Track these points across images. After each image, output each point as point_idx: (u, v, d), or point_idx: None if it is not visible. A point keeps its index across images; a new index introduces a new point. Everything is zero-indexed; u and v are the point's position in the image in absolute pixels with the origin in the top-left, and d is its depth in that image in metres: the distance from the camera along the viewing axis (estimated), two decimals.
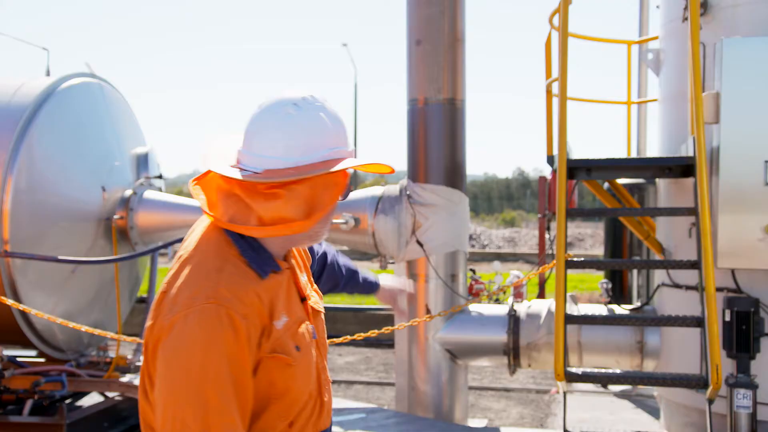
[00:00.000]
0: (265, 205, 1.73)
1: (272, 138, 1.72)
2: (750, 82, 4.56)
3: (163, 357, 1.65)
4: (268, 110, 1.75)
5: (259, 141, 1.74)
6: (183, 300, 1.66)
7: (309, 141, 1.73)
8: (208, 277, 1.69)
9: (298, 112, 1.73)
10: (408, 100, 6.10)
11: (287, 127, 1.72)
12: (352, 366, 9.46)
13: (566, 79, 4.80)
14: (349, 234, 6.11)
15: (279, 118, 1.73)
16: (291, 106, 1.73)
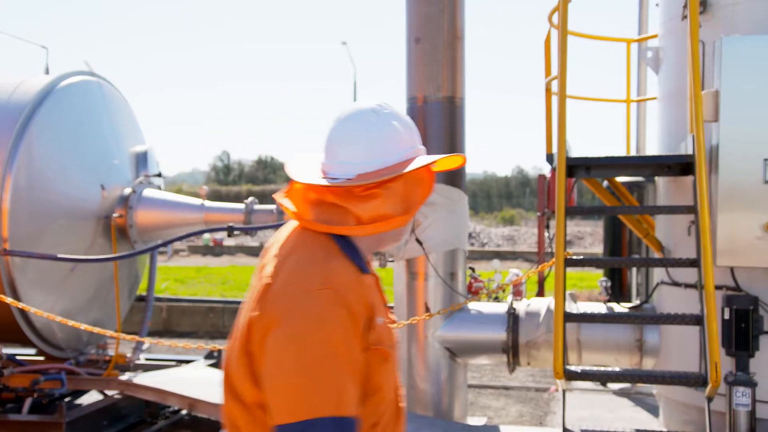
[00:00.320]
0: (364, 206, 1.84)
1: (360, 145, 1.85)
2: (749, 81, 4.56)
3: (280, 344, 1.68)
4: (349, 121, 1.88)
5: (346, 149, 1.86)
6: (297, 287, 1.73)
7: (393, 142, 1.87)
8: (320, 266, 1.77)
9: (377, 118, 1.86)
10: (407, 98, 6.10)
11: (372, 133, 1.85)
12: None
13: (565, 77, 4.80)
14: None
15: (362, 126, 1.86)
16: (370, 114, 1.87)
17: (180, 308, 12.05)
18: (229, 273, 18.34)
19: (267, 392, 1.70)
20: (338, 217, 1.86)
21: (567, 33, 4.86)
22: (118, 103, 7.16)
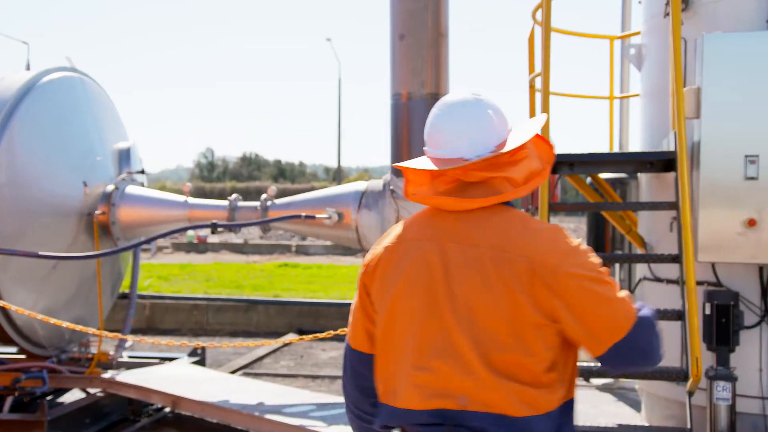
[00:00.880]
0: (517, 169, 2.04)
1: (487, 122, 2.05)
2: (730, 77, 4.59)
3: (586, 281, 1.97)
4: (464, 110, 2.06)
5: (478, 130, 2.04)
6: (562, 239, 2.02)
7: (505, 115, 2.11)
8: (547, 224, 2.08)
9: (484, 100, 2.09)
10: (391, 94, 6.09)
11: (492, 112, 2.07)
12: (335, 361, 9.46)
13: (549, 74, 4.82)
14: (333, 229, 6.11)
15: (480, 109, 2.06)
16: (475, 99, 2.08)
17: (163, 305, 12.00)
18: (213, 270, 18.28)
19: (584, 321, 1.95)
20: (496, 188, 2.03)
21: (550, 30, 4.88)
22: (101, 99, 7.11)
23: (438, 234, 2.03)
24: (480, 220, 2.01)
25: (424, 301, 1.99)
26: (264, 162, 70.88)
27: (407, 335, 2.01)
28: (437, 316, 1.97)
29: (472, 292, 1.94)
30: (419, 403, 1.97)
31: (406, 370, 1.99)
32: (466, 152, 2.02)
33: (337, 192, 6.31)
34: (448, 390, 1.94)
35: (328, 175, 60.38)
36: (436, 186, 2.07)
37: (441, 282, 1.98)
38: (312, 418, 5.18)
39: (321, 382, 8.36)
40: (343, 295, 13.61)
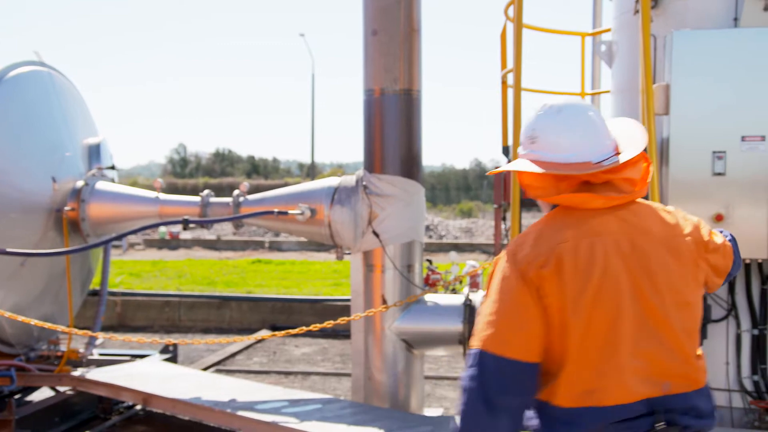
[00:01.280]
0: (634, 169, 2.15)
1: (604, 127, 2.18)
2: (698, 75, 4.65)
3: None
4: (582, 115, 2.15)
5: (600, 135, 2.15)
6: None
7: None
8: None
9: (587, 104, 2.29)
10: (364, 90, 6.08)
11: (601, 118, 2.22)
12: (308, 357, 9.45)
13: (521, 70, 4.85)
14: (305, 225, 6.09)
15: (594, 115, 2.21)
16: (583, 103, 2.26)
17: (135, 302, 11.89)
18: (185, 266, 18.15)
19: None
20: (623, 186, 2.13)
21: (522, 26, 4.90)
22: (70, 94, 7.01)
23: (611, 228, 2.09)
24: (633, 213, 2.13)
25: (627, 292, 2.02)
26: (237, 158, 70.45)
27: (616, 329, 2.00)
28: (643, 304, 2.02)
29: (670, 272, 2.07)
30: (632, 396, 1.98)
31: (618, 364, 1.99)
32: (592, 156, 2.09)
33: (309, 188, 6.29)
34: (660, 377, 2.01)
35: (302, 170, 60.17)
36: (560, 188, 2.12)
37: (638, 270, 2.04)
38: (285, 414, 5.16)
39: (294, 378, 8.35)
40: (316, 291, 13.58)
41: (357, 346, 6.01)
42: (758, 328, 4.85)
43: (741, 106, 4.61)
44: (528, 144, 2.16)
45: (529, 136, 2.16)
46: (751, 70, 4.57)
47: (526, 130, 2.19)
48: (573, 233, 2.06)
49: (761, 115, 4.60)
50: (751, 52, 4.58)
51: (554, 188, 2.12)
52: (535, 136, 2.13)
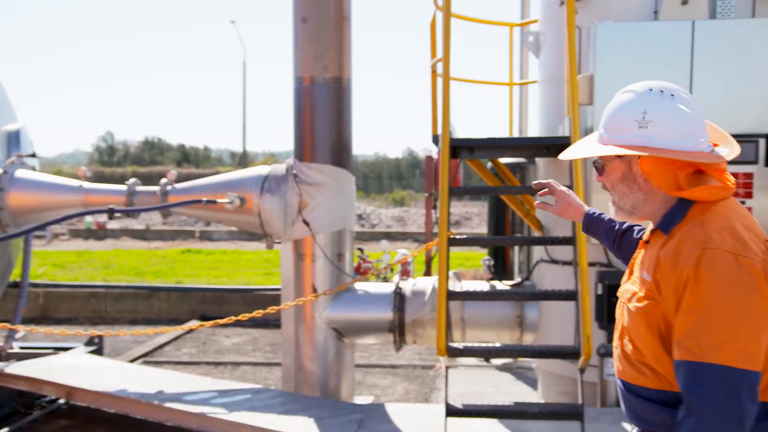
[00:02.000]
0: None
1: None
2: (621, 65, 4.76)
3: None
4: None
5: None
6: None
7: None
8: None
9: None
10: (294, 78, 6.04)
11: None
12: (239, 347, 9.36)
13: (449, 59, 4.87)
14: (235, 214, 6.02)
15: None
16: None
17: (58, 294, 11.56)
18: (112, 257, 17.75)
19: None
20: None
21: (450, 15, 4.92)
22: None
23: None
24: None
25: None
26: (167, 146, 69.06)
27: None
28: None
29: None
30: None
31: None
32: (704, 145, 1.98)
33: (239, 176, 6.22)
34: None
35: (234, 159, 59.40)
36: (678, 178, 1.98)
37: None
38: (213, 405, 5.11)
39: (224, 368, 8.26)
40: (247, 280, 13.46)
41: (287, 336, 5.99)
42: None
43: None
44: (637, 129, 1.95)
45: (637, 120, 1.96)
46: (669, 61, 4.70)
47: (629, 113, 1.98)
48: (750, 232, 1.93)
49: None
50: (670, 44, 4.70)
51: (673, 177, 1.96)
52: (647, 121, 1.94)
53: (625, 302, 2.03)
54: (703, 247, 1.82)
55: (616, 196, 2.08)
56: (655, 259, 1.94)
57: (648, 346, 1.94)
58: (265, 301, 10.11)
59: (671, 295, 1.85)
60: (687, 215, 1.95)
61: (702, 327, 1.77)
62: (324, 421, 4.81)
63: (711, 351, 1.75)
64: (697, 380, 1.75)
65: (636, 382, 1.99)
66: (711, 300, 1.78)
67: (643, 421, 2.00)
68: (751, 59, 4.61)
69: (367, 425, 4.74)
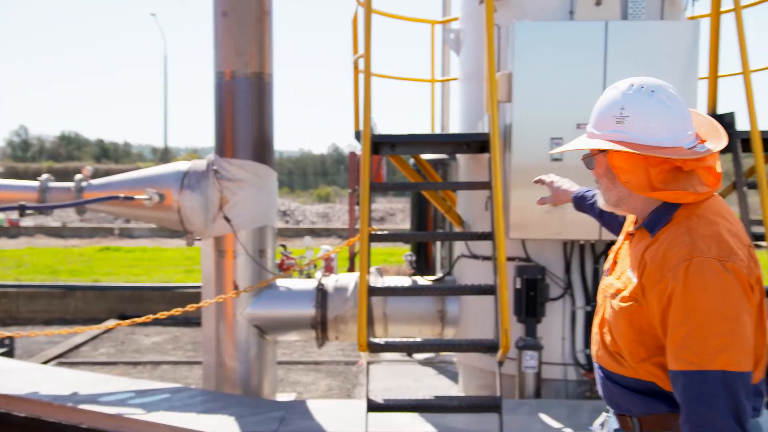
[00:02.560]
0: None
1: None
2: (538, 64, 4.85)
3: None
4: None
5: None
6: None
7: None
8: None
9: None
10: (215, 72, 5.95)
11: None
12: (159, 346, 9.18)
13: (370, 55, 4.88)
14: (153, 210, 5.90)
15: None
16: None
17: None
18: (26, 255, 17.15)
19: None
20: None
21: (371, 12, 4.93)
22: None
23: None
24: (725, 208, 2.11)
25: None
26: (85, 141, 67.20)
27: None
28: None
29: None
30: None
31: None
32: (684, 141, 1.98)
33: (157, 172, 6.09)
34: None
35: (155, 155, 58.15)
36: (651, 174, 1.99)
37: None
38: (130, 405, 4.99)
39: (143, 368, 8.08)
40: (168, 278, 13.20)
41: (208, 333, 5.90)
42: (591, 305, 5.15)
43: (576, 94, 4.85)
44: (613, 124, 1.97)
45: (614, 116, 1.97)
46: (585, 59, 4.81)
47: (609, 108, 1.99)
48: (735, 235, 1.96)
49: (593, 103, 4.85)
50: (585, 43, 4.82)
51: (644, 173, 1.96)
52: (624, 116, 1.96)
53: (609, 297, 2.06)
54: (689, 257, 1.84)
55: (602, 189, 2.12)
56: (640, 261, 1.96)
57: (627, 341, 1.98)
58: (186, 299, 9.94)
59: (655, 301, 1.87)
60: (673, 217, 1.96)
61: (697, 336, 1.79)
62: (245, 419, 4.76)
63: (710, 358, 1.77)
64: (699, 389, 1.77)
65: (613, 369, 2.05)
66: (703, 309, 1.80)
67: (618, 405, 2.09)
68: (660, 58, 4.78)
69: (288, 422, 4.71)
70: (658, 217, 1.99)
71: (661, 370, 1.93)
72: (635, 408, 2.02)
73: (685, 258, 1.84)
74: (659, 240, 1.94)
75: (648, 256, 1.93)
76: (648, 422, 1.99)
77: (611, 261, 2.18)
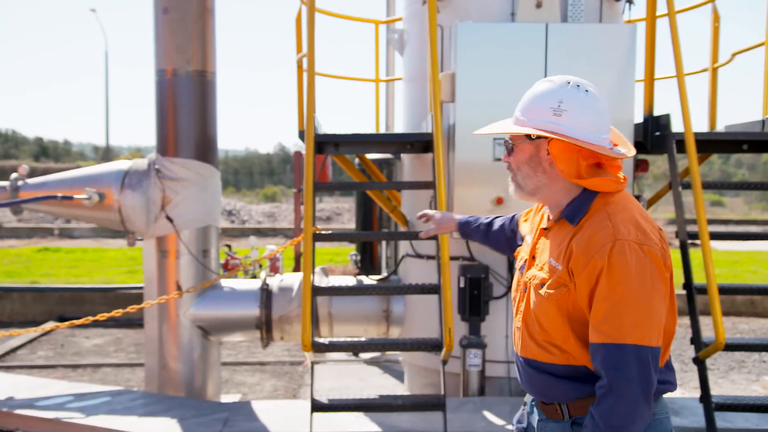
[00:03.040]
0: None
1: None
2: (481, 64, 4.90)
3: None
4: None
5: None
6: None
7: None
8: None
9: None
10: (156, 70, 5.86)
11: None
12: (100, 348, 9.00)
13: (314, 54, 4.86)
14: (93, 210, 5.79)
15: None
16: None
17: None
18: None
19: None
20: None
21: (314, 10, 4.91)
22: None
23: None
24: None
25: None
26: (23, 139, 65.44)
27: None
28: None
29: None
30: None
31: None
32: (606, 141, 2.15)
33: (97, 171, 5.98)
34: None
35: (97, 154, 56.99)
36: (580, 167, 2.12)
37: None
38: (69, 409, 4.89)
39: (83, 371, 7.92)
40: (109, 279, 12.95)
41: (151, 335, 5.81)
42: None
43: (517, 95, 4.87)
44: (551, 116, 2.07)
45: (552, 108, 2.07)
46: (526, 60, 4.88)
47: (545, 100, 2.08)
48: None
49: None
50: (526, 44, 4.89)
51: (576, 164, 2.09)
52: (561, 110, 2.06)
53: (535, 288, 2.15)
54: (613, 239, 1.97)
55: (520, 176, 2.18)
56: (565, 249, 2.07)
57: (557, 327, 2.08)
58: (128, 300, 9.78)
59: (584, 283, 1.99)
60: (591, 207, 2.10)
61: (617, 312, 1.94)
62: (187, 421, 4.70)
63: (627, 332, 1.93)
64: (616, 360, 1.92)
65: (543, 359, 2.13)
66: (623, 287, 1.94)
67: (546, 395, 2.17)
68: (598, 60, 4.87)
69: (232, 423, 4.67)
70: (577, 208, 2.11)
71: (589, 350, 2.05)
72: (564, 395, 2.12)
73: (609, 240, 1.97)
74: (583, 228, 2.06)
75: (574, 245, 2.04)
76: (576, 407, 2.10)
77: (527, 257, 2.27)
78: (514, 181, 2.21)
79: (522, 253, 2.35)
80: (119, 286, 11.30)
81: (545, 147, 2.11)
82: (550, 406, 2.17)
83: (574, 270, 2.02)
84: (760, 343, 4.67)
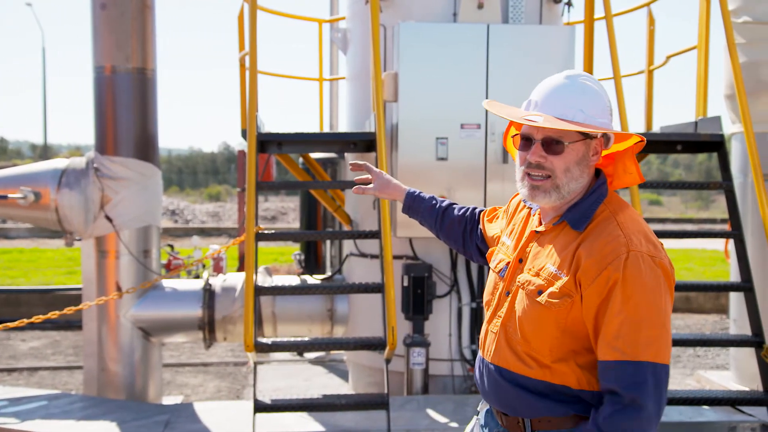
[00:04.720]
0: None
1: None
2: (423, 64, 4.93)
3: None
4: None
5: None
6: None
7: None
8: None
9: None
10: (94, 67, 5.75)
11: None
12: (37, 351, 8.78)
13: (256, 52, 4.83)
14: (29, 210, 5.66)
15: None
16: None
17: None
18: None
19: None
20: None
21: (256, 8, 4.88)
22: None
23: None
24: None
25: None
26: None
27: None
28: None
29: None
30: None
31: None
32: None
33: (33, 170, 5.84)
34: None
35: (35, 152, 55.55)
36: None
37: None
38: (3, 414, 4.76)
39: (19, 375, 7.71)
40: (47, 280, 12.64)
41: (89, 337, 5.70)
42: (476, 302, 5.28)
43: (459, 95, 4.96)
44: (608, 114, 1.99)
45: (608, 107, 2.00)
46: (468, 60, 4.93)
47: (603, 98, 1.98)
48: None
49: (477, 104, 4.98)
50: (468, 44, 4.94)
51: (614, 166, 2.11)
52: (611, 109, 2.03)
53: (530, 294, 1.97)
54: (627, 250, 1.84)
55: (566, 179, 1.96)
56: (571, 257, 1.92)
57: (544, 339, 1.93)
58: (67, 302, 9.52)
59: (593, 295, 1.86)
60: (596, 214, 1.96)
61: (632, 327, 1.82)
62: (128, 424, 4.62)
63: (642, 349, 1.82)
64: (633, 378, 1.81)
65: (516, 370, 1.99)
66: (637, 301, 1.82)
67: (512, 408, 2.02)
68: (538, 61, 4.95)
69: (173, 425, 4.61)
70: (582, 213, 1.97)
71: (579, 369, 1.93)
72: (532, 411, 1.98)
73: (623, 251, 1.84)
74: (591, 235, 1.92)
75: (583, 252, 1.90)
76: (541, 423, 1.98)
77: (509, 260, 2.10)
78: (545, 185, 1.97)
79: (499, 254, 2.18)
80: (57, 288, 11.00)
81: (594, 147, 1.98)
82: (512, 419, 2.03)
83: (582, 280, 1.87)
84: (694, 339, 4.80)
